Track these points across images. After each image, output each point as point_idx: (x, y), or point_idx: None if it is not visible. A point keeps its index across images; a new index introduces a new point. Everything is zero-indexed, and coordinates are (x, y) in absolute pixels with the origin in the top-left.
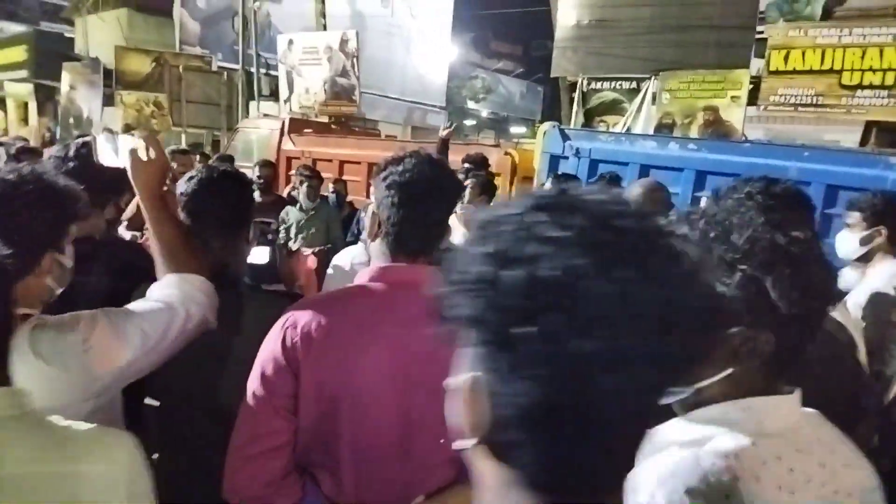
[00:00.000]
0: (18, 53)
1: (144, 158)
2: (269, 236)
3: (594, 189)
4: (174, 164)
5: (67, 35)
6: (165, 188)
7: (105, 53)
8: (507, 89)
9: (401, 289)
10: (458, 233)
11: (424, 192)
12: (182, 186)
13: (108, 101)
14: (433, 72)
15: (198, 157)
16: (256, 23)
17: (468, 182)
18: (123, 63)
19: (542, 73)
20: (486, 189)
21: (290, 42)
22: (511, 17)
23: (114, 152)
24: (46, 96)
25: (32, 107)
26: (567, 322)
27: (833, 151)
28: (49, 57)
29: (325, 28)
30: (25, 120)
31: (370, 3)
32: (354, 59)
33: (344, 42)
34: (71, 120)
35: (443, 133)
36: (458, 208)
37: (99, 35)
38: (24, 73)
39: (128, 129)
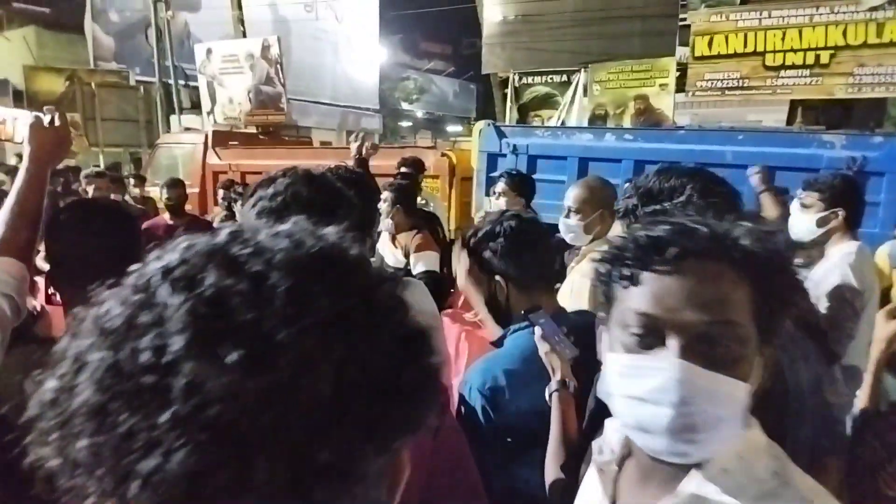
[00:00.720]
0: None
1: (46, 125)
2: None
3: (288, 230)
4: (90, 188)
5: None
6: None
7: (14, 74)
8: (440, 89)
9: None
10: (388, 254)
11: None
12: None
13: None
14: (364, 75)
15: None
16: (171, 33)
17: (384, 195)
18: (35, 83)
19: (473, 71)
20: (402, 199)
21: (209, 51)
22: (439, 16)
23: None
24: None
25: None
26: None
27: (767, 133)
28: None
29: (244, 35)
30: None
31: (293, 9)
32: (278, 66)
33: (265, 48)
34: None
35: (355, 148)
36: (382, 226)
37: (6, 55)
38: None
39: None
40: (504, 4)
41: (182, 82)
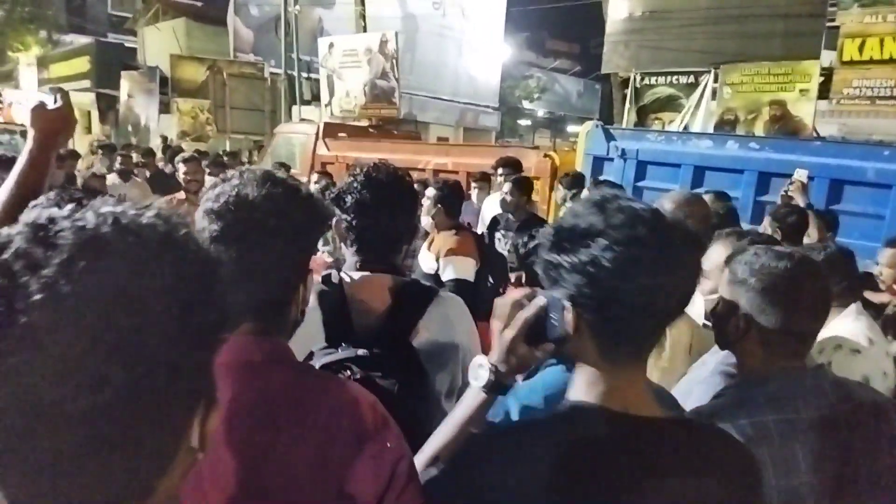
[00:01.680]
0: (81, 64)
1: (50, 107)
2: None
3: (111, 210)
4: (181, 172)
5: (128, 45)
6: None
7: (164, 62)
8: (563, 88)
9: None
10: (424, 259)
11: (245, 225)
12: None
13: (165, 108)
14: (486, 72)
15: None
16: (302, 27)
17: (427, 191)
18: (179, 71)
19: (599, 71)
20: (444, 198)
21: (331, 45)
22: (567, 14)
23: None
24: (108, 105)
25: (95, 115)
26: None
27: None
28: (110, 67)
29: (364, 30)
30: (89, 128)
31: (421, 5)
32: (394, 61)
33: (383, 43)
34: (129, 128)
35: None
36: (423, 222)
37: (158, 45)
38: (86, 83)
39: (183, 135)
40: (631, 0)
41: (305, 75)
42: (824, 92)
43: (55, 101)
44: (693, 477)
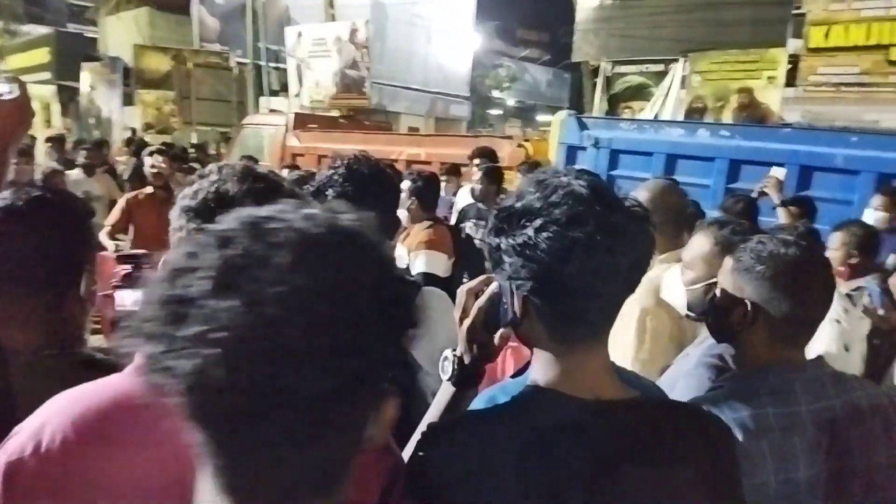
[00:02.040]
0: (41, 55)
1: (5, 98)
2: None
3: (312, 213)
4: (148, 166)
5: (88, 35)
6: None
7: (126, 53)
8: (533, 77)
9: None
10: (399, 252)
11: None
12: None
13: (128, 100)
14: (456, 62)
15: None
16: (268, 16)
17: (402, 184)
18: (142, 62)
19: (569, 60)
20: (420, 192)
21: (299, 34)
22: (537, 2)
23: None
24: (69, 97)
25: (55, 108)
26: None
27: (884, 136)
28: (71, 58)
29: (333, 18)
30: (49, 122)
31: None
32: (364, 50)
33: (353, 32)
34: (91, 120)
35: None
36: (402, 214)
37: (120, 34)
38: (46, 75)
39: (148, 127)
40: None
41: (273, 65)
42: (790, 79)
43: (11, 92)
44: (654, 459)
